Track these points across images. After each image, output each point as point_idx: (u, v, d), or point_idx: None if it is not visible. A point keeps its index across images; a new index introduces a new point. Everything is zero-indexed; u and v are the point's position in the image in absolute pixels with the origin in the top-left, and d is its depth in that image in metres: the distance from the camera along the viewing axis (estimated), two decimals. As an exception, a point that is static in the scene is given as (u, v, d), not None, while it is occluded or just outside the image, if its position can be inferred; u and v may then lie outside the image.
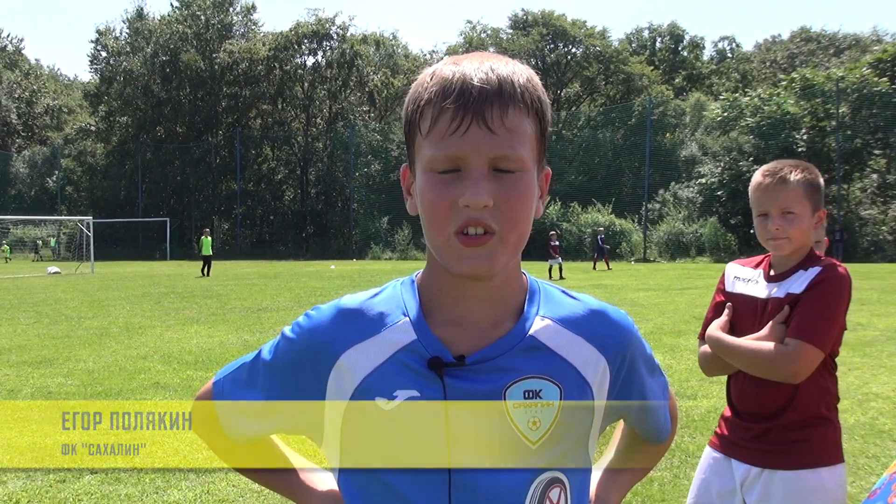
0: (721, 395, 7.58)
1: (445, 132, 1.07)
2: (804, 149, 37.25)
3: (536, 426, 1.14)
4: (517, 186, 1.09)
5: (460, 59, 1.12)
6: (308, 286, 22.45)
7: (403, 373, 1.14)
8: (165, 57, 58.02)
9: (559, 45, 59.93)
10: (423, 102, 1.10)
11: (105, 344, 11.37)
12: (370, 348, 1.16)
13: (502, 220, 1.08)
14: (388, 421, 1.13)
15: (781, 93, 40.19)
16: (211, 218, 59.03)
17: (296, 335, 1.22)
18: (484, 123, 1.06)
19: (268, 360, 1.24)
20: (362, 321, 1.19)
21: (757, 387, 2.52)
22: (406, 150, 1.18)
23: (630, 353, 1.25)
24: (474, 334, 1.16)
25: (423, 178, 1.10)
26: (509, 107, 1.08)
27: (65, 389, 8.18)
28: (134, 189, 57.83)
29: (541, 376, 1.15)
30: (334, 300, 1.24)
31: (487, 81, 1.07)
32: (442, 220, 1.08)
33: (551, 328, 1.19)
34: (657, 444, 1.43)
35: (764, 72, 66.10)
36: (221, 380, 1.32)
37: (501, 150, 1.07)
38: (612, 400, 1.25)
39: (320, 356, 1.18)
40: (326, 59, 57.64)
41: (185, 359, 9.95)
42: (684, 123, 51.96)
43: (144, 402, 7.52)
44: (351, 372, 1.16)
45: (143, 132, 58.66)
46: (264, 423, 1.27)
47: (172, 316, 14.93)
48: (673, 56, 70.97)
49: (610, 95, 61.15)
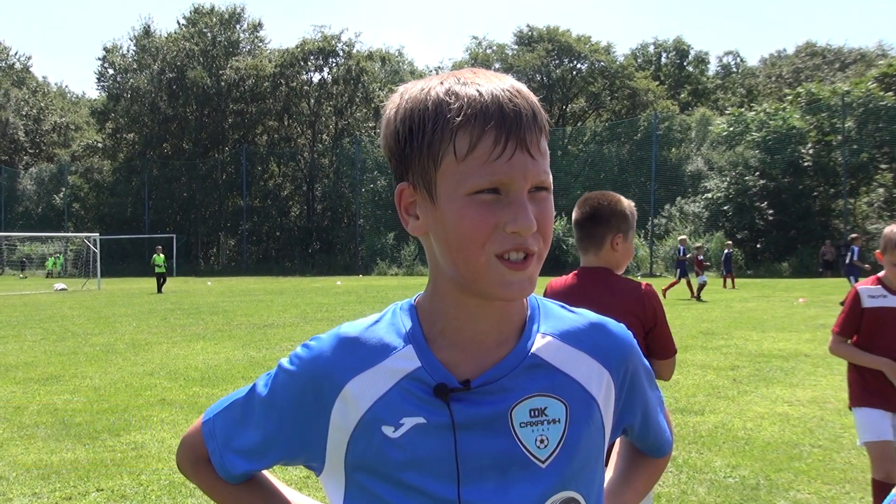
0: (728, 410, 7.54)
1: (488, 157, 1.05)
2: (810, 163, 37.23)
3: (544, 444, 1.14)
4: (549, 206, 1.10)
5: (465, 77, 1.10)
6: (314, 302, 22.45)
7: (409, 400, 1.13)
8: (172, 74, 58.34)
9: (564, 61, 60.11)
10: (453, 124, 1.06)
11: (111, 360, 11.37)
12: (374, 377, 1.15)
13: (539, 241, 1.09)
14: (395, 448, 1.12)
15: (787, 107, 40.22)
16: (217, 234, 59.24)
17: (296, 367, 1.19)
18: (527, 149, 1.06)
19: (264, 396, 1.21)
20: (364, 350, 1.17)
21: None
22: (406, 168, 1.13)
23: (632, 365, 1.25)
24: (478, 356, 1.16)
25: (458, 202, 1.07)
26: (542, 131, 1.09)
27: (71, 406, 8.18)
28: (140, 205, 58.05)
29: (545, 394, 1.15)
30: (333, 330, 1.22)
31: (522, 105, 1.07)
32: (482, 243, 1.06)
33: (552, 344, 1.18)
34: (659, 457, 1.43)
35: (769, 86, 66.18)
36: (212, 419, 1.28)
37: (541, 175, 1.08)
38: (619, 413, 1.25)
39: (323, 387, 1.16)
40: (332, 75, 57.88)
41: (192, 375, 9.95)
42: (690, 138, 52.01)
43: (151, 418, 7.52)
44: (356, 401, 1.14)
45: (149, 149, 58.95)
46: (262, 460, 1.23)
47: (178, 332, 14.94)
48: (678, 71, 71.10)
49: (615, 111, 61.27)
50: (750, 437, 6.53)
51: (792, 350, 11.40)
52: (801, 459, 5.86)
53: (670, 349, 3.03)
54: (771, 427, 6.88)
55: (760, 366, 10.07)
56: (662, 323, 2.99)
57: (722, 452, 6.02)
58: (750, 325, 14.65)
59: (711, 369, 9.62)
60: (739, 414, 7.41)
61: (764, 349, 11.52)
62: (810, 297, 20.36)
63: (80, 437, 6.84)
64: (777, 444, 6.30)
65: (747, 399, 8.08)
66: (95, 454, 6.24)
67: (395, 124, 1.13)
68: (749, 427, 6.89)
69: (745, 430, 6.80)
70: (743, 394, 8.34)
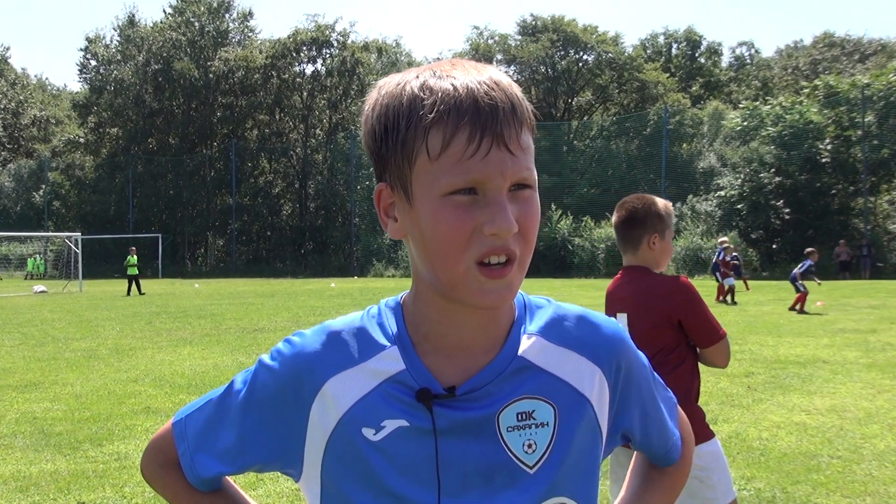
0: (742, 418, 7.55)
1: (462, 156, 1.03)
2: (828, 159, 37.22)
3: (532, 449, 1.14)
4: (533, 206, 1.09)
5: (443, 70, 1.09)
6: (307, 305, 22.46)
7: (391, 402, 1.13)
8: (158, 65, 58.35)
9: (570, 52, 60.11)
10: (426, 121, 1.05)
11: (93, 366, 11.37)
12: (356, 377, 1.15)
13: (521, 243, 1.08)
14: (376, 451, 1.13)
15: (804, 101, 40.21)
16: (205, 234, 59.21)
17: (278, 363, 1.19)
18: (504, 145, 1.04)
19: (243, 393, 1.21)
20: (348, 347, 1.17)
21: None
22: (383, 168, 1.13)
23: (625, 360, 1.24)
24: (465, 362, 1.15)
25: (432, 203, 1.06)
26: (523, 125, 1.07)
27: (51, 414, 8.18)
28: (124, 203, 58.01)
29: (533, 396, 1.15)
30: (318, 325, 1.23)
31: (499, 97, 1.05)
32: (461, 248, 1.05)
33: (539, 345, 1.18)
34: (668, 465, 1.41)
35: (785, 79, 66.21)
36: (183, 419, 1.27)
37: (522, 172, 1.06)
38: (614, 413, 1.24)
39: (304, 383, 1.16)
40: (326, 67, 57.88)
41: (178, 382, 9.95)
42: (702, 133, 52.01)
43: (135, 427, 7.51)
44: (335, 401, 1.14)
45: (134, 144, 58.92)
46: (235, 462, 1.22)
47: (164, 337, 14.94)
48: (690, 63, 71.16)
49: (623, 104, 61.27)
50: (765, 448, 6.53)
51: (809, 356, 11.40)
52: (820, 471, 5.85)
53: (714, 335, 3.24)
54: (787, 437, 6.88)
55: (776, 372, 10.07)
56: (695, 312, 3.22)
57: (736, 464, 6.02)
58: (765, 330, 14.65)
59: (725, 376, 9.62)
60: (754, 423, 7.41)
61: (780, 355, 11.52)
62: (828, 301, 20.37)
63: (61, 447, 6.84)
64: (794, 455, 6.29)
65: (763, 407, 8.08)
66: (76, 465, 6.24)
67: (372, 122, 1.13)
68: (764, 437, 6.89)
69: (760, 440, 6.80)
70: (758, 402, 8.34)
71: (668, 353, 3.22)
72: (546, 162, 46.50)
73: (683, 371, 3.25)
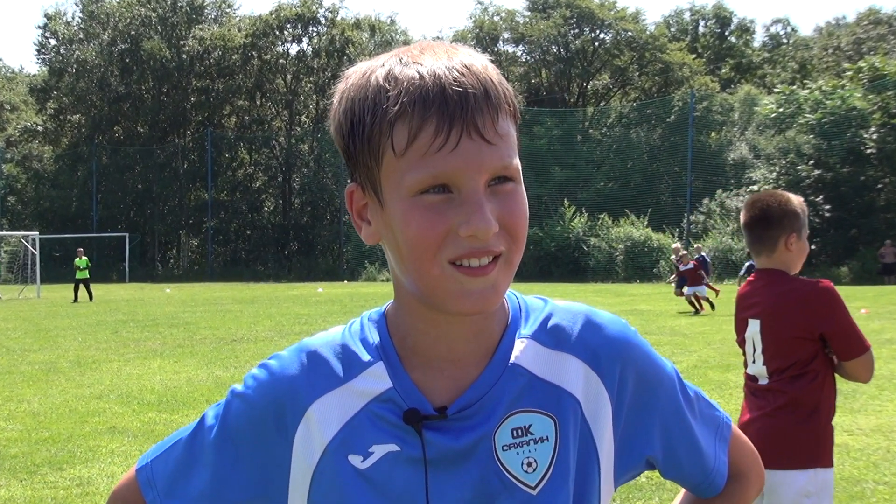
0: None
1: (429, 149, 1.03)
2: (873, 150, 37.21)
3: (532, 467, 1.14)
4: (517, 199, 1.08)
5: (410, 55, 1.09)
6: (291, 312, 22.45)
7: (378, 425, 1.14)
8: (125, 45, 58.39)
9: (585, 30, 60.11)
10: (390, 115, 1.05)
11: (53, 381, 11.36)
12: (340, 398, 1.16)
13: (507, 240, 1.07)
14: (364, 481, 1.13)
15: (846, 85, 40.22)
16: (177, 233, 59.24)
17: (253, 391, 1.20)
18: (478, 134, 1.03)
19: (216, 429, 1.21)
20: (330, 367, 1.18)
21: None
22: (353, 167, 1.14)
23: (633, 367, 1.22)
24: (456, 375, 1.15)
25: (401, 204, 1.06)
26: (499, 111, 1.06)
27: (5, 435, 8.17)
28: (87, 199, 58.04)
29: (529, 409, 1.15)
30: (294, 345, 1.23)
31: (469, 83, 1.04)
32: (433, 251, 1.05)
33: (533, 350, 1.18)
34: (711, 496, 1.34)
35: (826, 60, 66.18)
36: (149, 464, 1.27)
37: (502, 162, 1.06)
38: (622, 429, 1.21)
39: (286, 410, 1.17)
40: (313, 46, 57.93)
41: (147, 398, 9.94)
42: (732, 121, 51.97)
43: (99, 449, 7.51)
44: (320, 426, 1.15)
45: (98, 133, 58.93)
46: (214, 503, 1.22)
47: (132, 348, 14.94)
48: (718, 42, 71.12)
49: (645, 88, 61.31)
50: (803, 473, 6.51)
51: (852, 370, 11.35)
52: (864, 498, 5.85)
53: (858, 347, 3.31)
54: (828, 460, 6.87)
55: (815, 388, 10.02)
56: (838, 320, 3.30)
57: (770, 490, 6.00)
58: (803, 341, 14.60)
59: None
60: (791, 445, 7.38)
61: (819, 369, 11.47)
62: (874, 308, 20.32)
63: (16, 470, 6.83)
64: (836, 481, 6.27)
65: (800, 427, 8.05)
66: (34, 491, 6.23)
67: (339, 116, 1.13)
68: (802, 460, 6.87)
69: (797, 463, 6.78)
70: (795, 421, 8.31)
71: (805, 366, 3.26)
72: (558, 152, 46.56)
73: (815, 386, 3.31)
